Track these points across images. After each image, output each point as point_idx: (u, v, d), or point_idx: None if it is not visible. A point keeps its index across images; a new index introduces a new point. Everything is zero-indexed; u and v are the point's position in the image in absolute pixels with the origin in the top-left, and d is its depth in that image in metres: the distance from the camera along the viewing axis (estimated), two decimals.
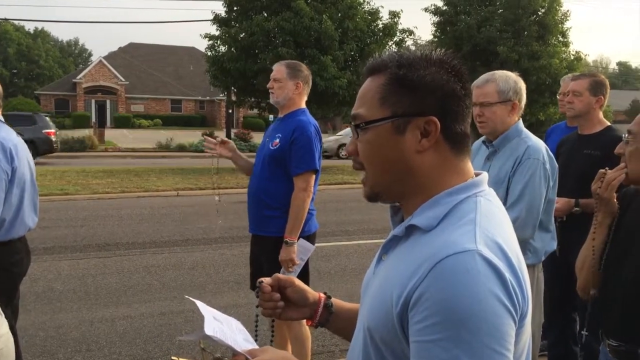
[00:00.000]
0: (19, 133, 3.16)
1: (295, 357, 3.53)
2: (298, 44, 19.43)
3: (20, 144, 3.02)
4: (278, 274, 1.31)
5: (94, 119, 42.43)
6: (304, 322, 1.34)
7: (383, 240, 1.10)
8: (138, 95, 47.43)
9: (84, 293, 5.69)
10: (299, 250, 3.27)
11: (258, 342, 1.32)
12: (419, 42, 29.42)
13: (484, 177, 1.07)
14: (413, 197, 1.05)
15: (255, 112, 27.42)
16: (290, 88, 3.37)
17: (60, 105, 46.00)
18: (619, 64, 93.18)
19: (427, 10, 27.37)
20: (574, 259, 2.05)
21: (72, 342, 4.49)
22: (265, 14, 20.14)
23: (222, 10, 21.40)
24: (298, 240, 3.27)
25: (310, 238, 3.39)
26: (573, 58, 25.95)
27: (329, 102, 19.70)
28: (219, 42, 20.84)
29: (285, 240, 3.24)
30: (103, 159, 22.47)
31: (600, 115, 3.39)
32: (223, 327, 1.15)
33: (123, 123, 42.93)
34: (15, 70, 65.59)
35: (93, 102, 45.89)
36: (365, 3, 21.34)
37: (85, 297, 5.58)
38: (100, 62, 46.64)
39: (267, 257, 3.38)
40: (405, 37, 21.84)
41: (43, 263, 6.63)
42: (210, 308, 1.23)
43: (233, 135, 26.95)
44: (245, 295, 5.43)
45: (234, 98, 22.55)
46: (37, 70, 66.30)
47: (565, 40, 26.33)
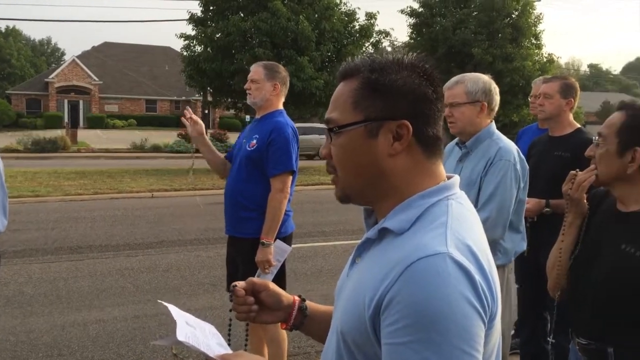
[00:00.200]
0: None
1: (272, 358, 3.51)
2: (275, 45, 19.41)
3: None
4: (252, 278, 1.31)
5: (67, 119, 41.74)
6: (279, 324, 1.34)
7: (359, 242, 1.11)
8: (112, 95, 46.76)
9: (56, 297, 5.59)
10: (276, 252, 3.27)
11: (232, 346, 1.31)
12: (396, 43, 29.64)
13: (456, 180, 1.09)
14: (386, 200, 1.06)
15: (232, 112, 27.29)
16: (268, 89, 3.37)
17: (32, 105, 45.12)
18: (590, 66, 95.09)
19: (403, 12, 27.61)
20: (545, 259, 2.08)
21: (43, 347, 4.41)
22: (242, 14, 20.08)
23: (198, 10, 21.29)
24: (275, 242, 3.27)
25: (287, 239, 3.39)
26: (546, 60, 26.43)
27: (306, 102, 19.73)
28: (195, 42, 20.71)
29: (262, 242, 3.23)
30: (75, 160, 22.11)
31: (571, 118, 3.45)
32: (196, 332, 1.14)
33: (96, 123, 42.28)
34: None
35: (66, 102, 45.11)
36: (342, 4, 21.44)
37: (57, 300, 5.48)
38: (74, 61, 45.88)
39: (243, 258, 3.36)
40: (382, 38, 22.01)
41: (13, 266, 6.50)
42: (183, 313, 1.22)
43: (209, 136, 26.76)
44: (221, 298, 5.39)
45: (210, 98, 22.43)
46: (8, 70, 64.90)
47: (538, 43, 26.80)
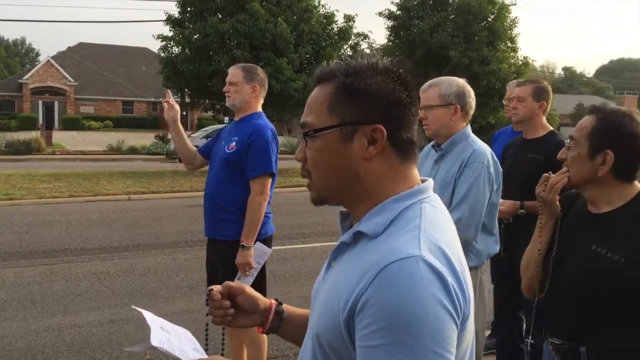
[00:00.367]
0: None
1: None
2: (253, 46, 19.35)
3: None
4: (229, 282, 1.31)
5: (41, 121, 41.02)
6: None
7: (334, 245, 1.11)
8: (88, 96, 46.11)
9: (30, 301, 5.49)
10: (256, 254, 3.26)
11: (209, 350, 1.31)
12: (374, 45, 29.76)
13: (430, 183, 1.10)
14: (360, 203, 1.07)
15: (210, 114, 27.13)
16: (247, 91, 3.36)
17: (6, 107, 44.23)
18: (565, 69, 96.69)
19: (381, 15, 27.74)
20: (520, 260, 2.11)
21: (17, 352, 4.33)
22: (220, 16, 19.97)
23: (175, 11, 21.11)
24: (255, 244, 3.26)
25: (267, 241, 3.39)
26: (521, 63, 26.78)
27: (285, 104, 19.69)
28: (172, 43, 20.53)
29: (242, 244, 3.22)
30: (50, 162, 21.74)
31: (544, 120, 3.50)
32: (171, 337, 1.14)
33: (72, 125, 41.65)
34: None
35: (40, 103, 44.33)
36: (321, 6, 21.46)
37: (31, 305, 5.39)
38: (48, 62, 45.13)
39: (222, 261, 3.36)
40: (360, 40, 22.06)
41: None
42: (158, 318, 1.21)
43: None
44: (199, 301, 5.36)
45: (188, 100, 22.25)
46: None
47: (514, 46, 27.15)
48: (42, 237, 8.37)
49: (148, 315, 1.19)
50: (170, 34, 20.59)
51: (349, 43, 21.58)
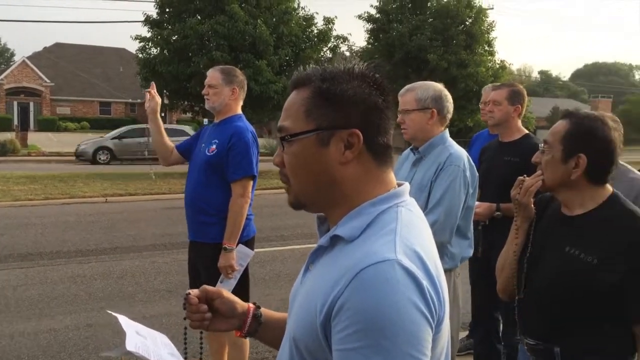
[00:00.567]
0: None
1: None
2: (232, 48, 19.27)
3: None
4: (206, 286, 1.30)
5: (16, 122, 40.27)
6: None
7: (312, 249, 1.12)
8: (64, 97, 45.44)
9: (4, 305, 5.40)
10: (238, 256, 3.27)
11: (188, 354, 1.30)
12: (354, 48, 29.85)
13: (406, 187, 1.11)
14: (337, 207, 1.08)
15: (189, 116, 26.93)
16: (226, 94, 3.35)
17: None
18: (541, 73, 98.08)
19: (360, 18, 27.86)
20: (496, 262, 2.14)
21: None
22: (199, 17, 19.85)
23: (153, 12, 20.92)
24: (237, 246, 3.26)
25: (249, 243, 3.39)
26: (498, 67, 27.11)
27: (264, 106, 19.63)
28: (151, 44, 20.34)
29: (224, 247, 3.22)
30: (26, 164, 21.36)
31: (519, 124, 3.55)
32: (147, 342, 1.13)
33: (48, 126, 40.98)
34: None
35: (15, 104, 43.53)
36: (300, 9, 21.47)
37: (6, 309, 5.29)
38: (24, 62, 44.34)
39: (205, 264, 3.35)
40: (340, 43, 22.11)
41: None
42: (134, 322, 1.21)
43: None
44: (178, 304, 5.31)
45: (167, 101, 22.06)
46: None
47: (491, 50, 27.48)
48: (17, 240, 8.23)
49: (123, 320, 1.18)
50: (149, 35, 20.40)
51: (329, 45, 21.62)
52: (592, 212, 1.87)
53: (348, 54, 27.54)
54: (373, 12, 27.81)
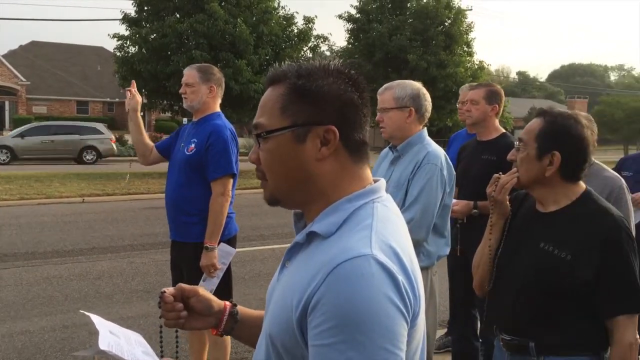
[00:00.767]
0: None
1: None
2: (212, 47, 19.16)
3: None
4: (181, 284, 1.29)
5: None
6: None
7: (289, 246, 1.12)
8: (41, 96, 44.69)
9: None
10: (221, 255, 3.26)
11: (163, 353, 1.29)
12: (334, 48, 29.89)
13: (382, 183, 1.12)
14: (314, 204, 1.08)
15: (168, 115, 26.72)
16: (204, 92, 3.33)
17: None
18: (519, 74, 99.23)
19: (341, 18, 27.88)
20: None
21: None
22: (178, 16, 19.69)
23: (131, 10, 20.70)
24: (219, 245, 3.25)
25: (231, 241, 3.38)
26: (477, 67, 27.36)
27: (244, 106, 19.56)
28: (129, 42, 20.12)
29: (206, 246, 3.21)
30: (0, 164, 20.98)
31: (497, 123, 3.59)
32: (120, 341, 1.12)
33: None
34: None
35: None
36: (280, 8, 21.42)
37: None
38: None
39: (187, 263, 3.34)
40: (320, 43, 22.12)
41: None
42: (107, 322, 1.19)
43: None
44: (156, 305, 5.24)
45: (145, 101, 21.84)
46: None
47: (470, 50, 27.71)
48: None
49: (96, 319, 1.17)
50: (127, 34, 20.18)
51: (309, 45, 21.61)
52: (565, 208, 1.90)
53: (328, 54, 27.57)
54: (353, 12, 27.89)
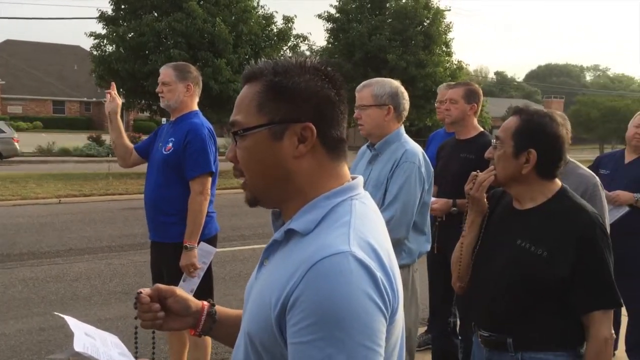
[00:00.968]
0: None
1: None
2: (191, 46, 19.02)
3: None
4: (158, 284, 1.28)
5: None
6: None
7: (268, 243, 1.11)
8: (16, 96, 43.95)
9: None
10: (200, 254, 3.23)
11: (138, 354, 1.27)
12: (314, 47, 29.87)
13: (360, 180, 1.12)
14: (292, 201, 1.07)
15: (147, 115, 26.46)
16: (181, 90, 3.31)
17: None
18: (497, 74, 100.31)
19: (320, 17, 27.88)
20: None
21: None
22: (156, 14, 19.51)
23: (108, 8, 20.45)
24: (199, 244, 3.23)
25: (211, 241, 3.36)
26: (455, 67, 27.57)
27: (224, 106, 19.44)
28: (106, 41, 19.87)
29: (185, 245, 3.19)
30: None
31: (475, 122, 3.63)
32: (96, 342, 1.10)
33: None
34: None
35: None
36: (260, 7, 21.36)
37: None
38: None
39: (166, 263, 3.32)
40: (300, 42, 22.11)
41: None
42: (82, 324, 1.17)
43: None
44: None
45: (123, 100, 21.59)
46: None
47: (448, 50, 27.91)
48: None
49: (71, 321, 1.15)
50: (104, 32, 19.93)
51: (289, 45, 21.59)
52: (542, 205, 1.92)
53: (308, 54, 27.56)
54: (333, 11, 27.89)
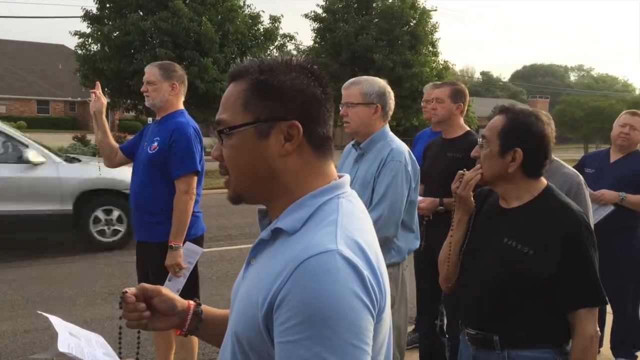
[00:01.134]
0: None
1: None
2: (177, 45, 18.91)
3: None
4: (144, 284, 1.27)
5: None
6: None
7: (254, 243, 1.10)
8: None
9: None
10: (186, 254, 3.22)
11: (122, 354, 1.26)
12: (301, 47, 29.86)
13: (346, 179, 1.12)
14: (278, 200, 1.07)
15: (132, 114, 26.28)
16: (166, 89, 3.30)
17: None
18: (483, 74, 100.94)
19: (307, 17, 27.87)
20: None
21: None
22: (141, 13, 19.37)
23: (93, 7, 20.27)
24: (185, 244, 3.21)
25: (197, 241, 3.34)
26: (442, 67, 27.71)
27: (211, 105, 19.36)
28: (91, 40, 19.70)
29: (170, 245, 3.17)
30: None
31: (461, 121, 3.64)
32: (80, 342, 1.09)
33: None
34: None
35: None
36: (246, 7, 21.30)
37: None
38: None
39: (152, 263, 3.30)
40: (286, 42, 22.07)
41: None
42: (67, 323, 1.16)
43: None
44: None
45: (108, 100, 21.41)
46: None
47: (435, 50, 28.04)
48: None
49: (55, 321, 1.13)
50: (89, 31, 19.76)
51: (275, 44, 21.55)
52: (528, 204, 1.94)
53: (295, 53, 27.54)
54: (319, 11, 27.90)
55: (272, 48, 21.42)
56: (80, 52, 19.92)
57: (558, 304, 1.86)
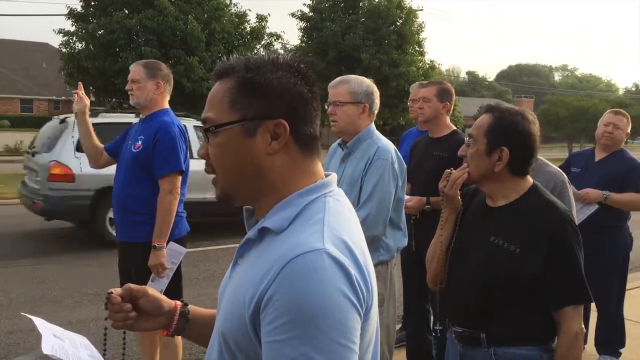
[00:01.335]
0: None
1: None
2: (163, 44, 18.83)
3: None
4: (130, 284, 1.26)
5: None
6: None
7: (240, 242, 1.10)
8: None
9: None
10: (170, 254, 3.19)
11: (107, 356, 1.25)
12: (287, 46, 29.83)
13: (333, 177, 1.11)
14: (264, 199, 1.06)
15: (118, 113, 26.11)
16: (151, 88, 3.27)
17: None
18: (469, 74, 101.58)
19: (294, 16, 27.85)
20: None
21: None
22: (127, 11, 19.25)
23: (77, 5, 20.11)
24: (168, 244, 3.18)
25: (181, 241, 3.31)
26: (428, 67, 27.84)
27: (197, 104, 19.27)
28: (75, 38, 19.54)
29: (154, 245, 3.14)
30: None
31: (448, 120, 3.66)
32: (65, 344, 1.07)
33: None
34: None
35: None
36: (232, 5, 21.25)
37: None
38: None
39: (136, 264, 3.26)
40: (273, 41, 22.06)
41: None
42: (51, 325, 1.14)
43: None
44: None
45: (93, 98, 21.25)
46: None
47: (421, 50, 28.18)
48: None
49: (39, 322, 1.12)
50: (73, 29, 19.60)
51: (262, 43, 21.53)
52: (514, 202, 1.95)
53: (282, 52, 27.49)
54: (306, 10, 27.91)
55: (258, 47, 21.42)
56: (65, 50, 19.77)
57: (544, 302, 1.87)
